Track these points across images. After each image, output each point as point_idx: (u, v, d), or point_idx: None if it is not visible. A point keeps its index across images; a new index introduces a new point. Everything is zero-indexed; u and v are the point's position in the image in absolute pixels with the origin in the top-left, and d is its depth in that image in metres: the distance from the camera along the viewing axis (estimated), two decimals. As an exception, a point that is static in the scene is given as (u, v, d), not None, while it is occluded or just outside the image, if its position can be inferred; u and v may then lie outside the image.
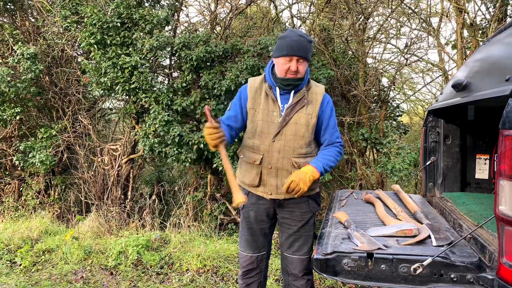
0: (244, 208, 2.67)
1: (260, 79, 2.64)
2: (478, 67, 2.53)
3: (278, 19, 6.78)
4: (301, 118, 2.50)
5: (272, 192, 2.55)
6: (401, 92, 7.07)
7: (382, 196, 2.98)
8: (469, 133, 3.33)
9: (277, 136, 2.49)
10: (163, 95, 5.39)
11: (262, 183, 2.56)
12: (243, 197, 2.26)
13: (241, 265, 2.74)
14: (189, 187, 6.34)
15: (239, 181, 2.66)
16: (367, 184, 5.46)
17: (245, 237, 2.70)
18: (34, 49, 5.98)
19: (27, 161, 6.26)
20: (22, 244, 5.13)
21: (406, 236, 2.05)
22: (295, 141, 2.51)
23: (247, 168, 2.61)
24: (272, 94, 2.53)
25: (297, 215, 2.61)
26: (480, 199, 2.90)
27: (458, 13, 4.89)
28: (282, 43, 2.43)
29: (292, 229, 2.62)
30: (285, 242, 2.68)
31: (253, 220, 2.65)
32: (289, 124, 2.49)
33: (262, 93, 2.56)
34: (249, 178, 2.59)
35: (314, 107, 2.53)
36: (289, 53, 2.39)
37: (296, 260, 2.62)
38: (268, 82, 2.57)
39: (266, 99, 2.55)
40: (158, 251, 4.84)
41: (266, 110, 2.53)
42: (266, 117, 2.52)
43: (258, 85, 2.60)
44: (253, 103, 2.57)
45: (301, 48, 2.39)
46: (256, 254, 2.70)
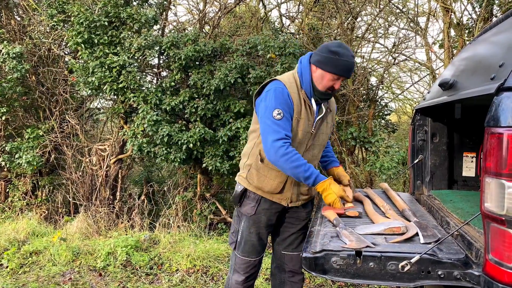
0: (255, 215, 2.56)
1: (296, 85, 2.44)
2: (464, 66, 2.55)
3: (267, 18, 6.78)
4: (326, 128, 2.57)
5: (293, 200, 2.56)
6: (389, 91, 7.12)
7: (370, 194, 2.99)
8: (456, 131, 3.36)
9: (310, 146, 2.51)
10: (152, 94, 5.36)
11: (283, 191, 2.52)
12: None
13: (242, 270, 2.64)
14: (178, 187, 6.31)
15: (252, 187, 2.54)
16: (356, 183, 5.49)
17: (252, 242, 2.61)
18: (20, 48, 5.90)
19: (14, 161, 6.18)
20: (8, 246, 5.06)
21: (394, 233, 2.06)
22: (321, 150, 2.60)
23: (270, 175, 2.50)
24: (309, 103, 2.44)
25: (303, 215, 2.67)
26: (467, 196, 2.93)
27: (445, 12, 4.94)
28: (338, 61, 2.31)
29: (296, 228, 2.67)
30: (285, 240, 2.70)
31: (264, 225, 2.59)
32: (318, 134, 2.52)
33: (301, 101, 2.42)
34: (270, 186, 2.50)
35: (332, 116, 2.62)
36: (344, 75, 2.35)
37: (296, 256, 2.67)
38: (305, 90, 2.43)
39: (305, 108, 2.43)
40: (148, 252, 4.81)
41: (306, 120, 2.44)
42: (306, 127, 2.45)
43: (296, 91, 2.42)
44: (297, 112, 2.41)
45: (352, 70, 2.39)
46: (259, 257, 2.69)
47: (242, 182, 2.58)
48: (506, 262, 1.53)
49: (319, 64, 2.35)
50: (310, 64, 2.43)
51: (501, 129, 1.54)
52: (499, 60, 1.84)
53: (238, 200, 2.59)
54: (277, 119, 2.30)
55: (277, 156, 2.28)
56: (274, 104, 2.32)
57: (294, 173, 2.32)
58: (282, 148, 2.27)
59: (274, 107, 2.32)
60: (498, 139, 1.55)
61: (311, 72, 2.41)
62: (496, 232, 1.57)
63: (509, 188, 1.51)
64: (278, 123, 2.30)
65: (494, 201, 1.57)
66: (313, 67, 2.40)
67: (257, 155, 2.52)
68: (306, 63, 2.44)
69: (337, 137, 5.54)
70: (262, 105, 2.40)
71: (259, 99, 2.48)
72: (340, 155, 5.63)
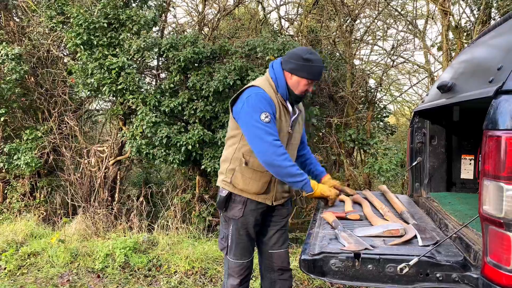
0: (243, 217, 2.60)
1: (272, 89, 2.56)
2: (463, 69, 2.56)
3: (266, 20, 6.79)
4: (299, 127, 2.74)
5: (277, 198, 2.65)
6: (388, 93, 7.13)
7: (369, 196, 2.99)
8: (454, 133, 3.37)
9: (288, 146, 2.63)
10: (151, 96, 5.36)
11: (268, 190, 2.60)
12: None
13: (236, 274, 2.67)
14: (177, 189, 6.31)
15: (237, 191, 2.59)
16: (355, 185, 5.50)
17: (242, 244, 2.65)
18: (18, 49, 5.90)
19: (12, 163, 6.16)
20: (6, 247, 5.04)
21: (393, 236, 2.06)
22: (295, 148, 2.75)
23: (254, 177, 2.56)
24: (286, 105, 2.59)
25: (284, 212, 2.79)
26: (465, 199, 2.94)
27: (443, 15, 4.96)
28: (311, 68, 2.48)
29: (279, 225, 2.77)
30: (271, 239, 2.77)
31: (252, 225, 2.64)
32: (294, 134, 2.67)
33: (280, 103, 2.55)
34: (255, 187, 2.56)
35: (302, 117, 2.81)
36: (317, 79, 2.58)
37: (283, 253, 2.78)
38: (281, 93, 2.56)
39: (284, 110, 2.58)
40: (146, 254, 4.80)
41: (285, 121, 2.59)
42: (284, 127, 2.58)
43: (274, 95, 2.54)
44: (279, 114, 2.53)
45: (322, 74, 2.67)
46: (251, 258, 2.75)
47: (227, 187, 2.62)
48: (504, 264, 1.53)
49: (295, 72, 2.50)
50: (283, 70, 2.56)
51: (499, 132, 1.55)
52: (497, 63, 1.84)
53: (223, 205, 2.63)
54: (266, 122, 2.40)
55: (277, 155, 2.35)
56: (260, 109, 2.41)
57: (289, 172, 2.40)
58: (281, 148, 2.38)
59: (261, 111, 2.40)
60: (496, 142, 1.56)
61: (285, 78, 2.55)
62: (495, 234, 1.58)
63: (508, 191, 1.51)
64: (269, 125, 2.40)
65: (493, 203, 1.57)
66: (288, 74, 2.54)
67: (240, 159, 2.57)
68: (279, 69, 2.57)
69: (336, 139, 5.55)
70: (247, 111, 2.45)
71: (239, 106, 2.53)
72: (339, 157, 5.64)
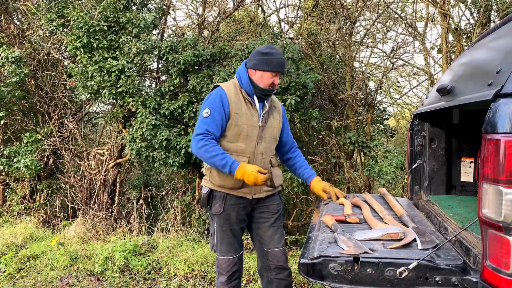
0: (224, 212, 2.67)
1: (234, 85, 2.73)
2: (462, 72, 2.56)
3: (266, 23, 6.80)
4: (273, 122, 2.79)
5: (256, 192, 2.69)
6: (387, 95, 7.14)
7: (369, 199, 2.99)
8: (454, 136, 3.36)
9: (260, 139, 2.68)
10: (150, 99, 5.36)
11: (244, 184, 2.62)
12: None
13: (224, 270, 2.74)
14: (177, 192, 6.31)
15: (216, 187, 2.68)
16: (355, 187, 5.49)
17: (227, 240, 2.72)
18: (19, 52, 5.91)
19: (12, 166, 6.17)
20: (6, 250, 5.04)
21: (392, 239, 2.06)
22: (271, 143, 2.79)
23: None
24: (251, 100, 2.70)
25: (273, 207, 2.81)
26: (465, 202, 2.93)
27: (443, 18, 4.96)
28: (271, 60, 2.63)
29: (269, 222, 2.79)
30: (264, 237, 2.79)
31: (234, 221, 2.70)
32: (266, 127, 2.73)
33: (241, 98, 2.68)
34: (231, 181, 2.61)
35: (279, 113, 2.87)
36: (279, 70, 2.65)
37: (279, 252, 2.78)
38: (246, 89, 2.70)
39: (246, 105, 2.68)
40: (146, 256, 4.80)
41: (249, 114, 2.67)
42: (250, 121, 2.66)
43: (235, 91, 2.69)
44: (236, 108, 2.64)
45: (284, 66, 2.71)
46: (238, 255, 2.78)
47: (207, 184, 2.74)
48: (504, 268, 1.52)
49: (256, 67, 2.65)
50: (248, 69, 2.71)
51: (498, 135, 1.54)
52: (496, 66, 1.84)
53: (207, 203, 2.72)
54: (204, 117, 2.58)
55: (197, 147, 2.53)
56: (206, 105, 2.63)
57: (212, 162, 2.53)
58: (201, 141, 2.52)
59: (205, 107, 2.62)
60: (495, 145, 1.55)
61: (249, 75, 2.69)
62: (494, 238, 1.57)
63: (507, 194, 1.51)
64: (204, 120, 2.58)
65: (492, 207, 1.57)
66: (251, 71, 2.69)
67: None
68: (243, 68, 2.74)
69: (336, 141, 5.54)
70: (200, 108, 2.70)
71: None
72: (339, 159, 5.63)
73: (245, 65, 2.75)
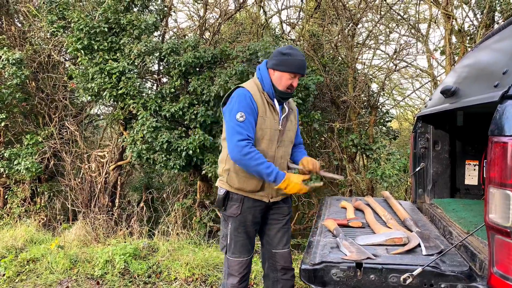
0: (241, 214, 2.64)
1: (257, 88, 2.64)
2: (467, 73, 2.52)
3: (268, 24, 6.76)
4: (291, 125, 2.75)
5: (273, 195, 2.67)
6: (390, 97, 7.09)
7: (371, 203, 2.95)
8: (458, 139, 3.32)
9: (280, 143, 2.66)
10: (151, 101, 5.33)
11: (262, 188, 2.62)
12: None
13: (236, 272, 2.70)
14: (178, 194, 6.27)
15: (234, 189, 2.64)
16: (357, 190, 5.44)
17: (241, 242, 2.69)
18: (19, 54, 5.89)
19: (12, 168, 6.14)
20: (6, 253, 5.01)
21: (396, 244, 2.01)
22: (289, 146, 2.77)
23: (249, 175, 2.58)
24: (272, 103, 2.65)
25: (285, 209, 2.79)
26: (470, 205, 2.88)
27: (446, 19, 4.92)
28: (291, 61, 2.56)
29: (280, 223, 2.77)
30: (273, 239, 2.79)
31: (250, 223, 2.68)
32: (285, 131, 2.69)
33: (265, 101, 2.62)
34: (251, 185, 2.60)
35: (294, 115, 2.83)
36: (299, 72, 2.58)
37: (286, 253, 2.78)
38: (267, 92, 2.63)
39: (269, 108, 2.63)
40: (146, 260, 4.75)
41: (272, 118, 2.63)
42: (272, 124, 2.62)
43: (259, 94, 2.62)
44: (262, 111, 2.59)
45: (304, 68, 2.63)
46: (250, 256, 2.77)
47: (224, 186, 2.68)
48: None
49: (276, 67, 2.59)
50: (268, 69, 2.66)
51: (506, 138, 1.50)
52: (502, 67, 1.80)
53: (222, 204, 2.69)
54: (240, 121, 2.48)
55: (241, 154, 2.43)
56: (237, 108, 2.51)
57: (257, 170, 2.45)
58: (246, 148, 2.43)
59: (237, 110, 2.50)
60: (502, 148, 1.51)
61: (270, 76, 2.63)
62: (501, 244, 1.52)
63: (514, 199, 1.46)
64: (241, 125, 2.48)
65: (499, 212, 1.52)
66: (271, 71, 2.64)
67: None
68: (264, 68, 2.68)
69: (338, 144, 5.50)
70: (227, 111, 2.59)
71: (225, 107, 2.66)
72: (341, 162, 5.58)
73: (265, 65, 2.71)
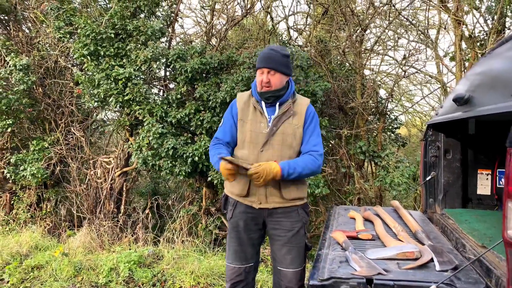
0: (232, 218, 2.66)
1: (248, 93, 2.73)
2: (480, 81, 2.45)
3: (275, 30, 6.72)
4: (287, 128, 2.58)
5: (261, 201, 2.57)
6: (399, 104, 7.00)
7: (381, 213, 2.87)
8: (470, 147, 3.24)
9: (265, 146, 2.55)
10: (157, 107, 5.30)
11: (250, 192, 2.57)
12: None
13: (228, 278, 2.69)
14: (183, 201, 6.21)
15: (228, 192, 2.71)
16: (366, 198, 5.36)
17: (234, 248, 2.67)
18: (26, 60, 5.90)
19: (19, 174, 6.13)
20: (10, 260, 4.98)
21: (408, 259, 1.94)
22: (283, 151, 2.56)
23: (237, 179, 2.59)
24: (259, 106, 2.62)
25: (287, 224, 2.59)
26: (483, 216, 2.80)
27: (456, 25, 4.84)
28: (258, 58, 2.59)
29: (282, 240, 2.59)
30: (277, 255, 2.64)
31: (242, 229, 2.63)
32: (276, 134, 2.56)
33: (250, 106, 2.65)
34: (238, 188, 2.60)
35: (299, 118, 2.62)
36: (260, 66, 2.55)
37: (290, 273, 2.59)
38: (254, 96, 2.66)
39: (254, 111, 2.63)
40: (151, 268, 4.70)
41: (254, 121, 2.60)
42: (254, 127, 2.59)
43: (246, 98, 2.69)
44: (242, 115, 2.64)
45: (270, 60, 2.53)
46: (244, 266, 2.68)
47: (225, 189, 2.77)
48: (533, 296, 1.40)
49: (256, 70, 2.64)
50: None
51: (526, 150, 1.43)
52: (519, 75, 1.73)
53: (223, 207, 2.75)
54: (219, 126, 2.74)
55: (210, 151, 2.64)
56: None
57: (213, 163, 2.55)
58: (210, 146, 2.67)
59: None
60: (521, 161, 1.43)
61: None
62: (521, 262, 1.44)
63: (535, 214, 1.39)
64: (219, 128, 2.73)
65: (518, 228, 1.45)
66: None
67: None
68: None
69: (346, 151, 5.42)
70: None
71: None
72: (349, 169, 5.50)
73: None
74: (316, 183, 4.81)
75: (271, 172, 2.36)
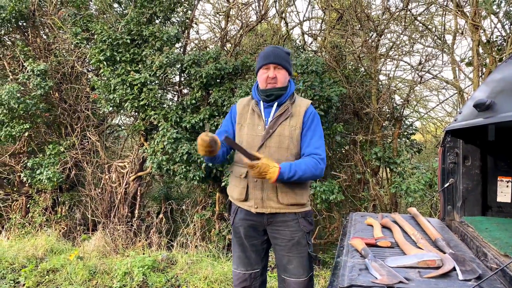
0: (234, 225, 2.68)
1: (248, 97, 2.75)
2: (501, 87, 2.40)
3: (289, 36, 6.72)
4: (284, 130, 2.53)
5: (258, 206, 2.53)
6: (414, 110, 6.92)
7: (399, 220, 2.82)
8: (489, 153, 3.18)
9: (261, 149, 2.52)
10: (172, 112, 5.33)
11: (248, 197, 2.56)
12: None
13: (234, 284, 2.71)
14: (197, 206, 6.22)
15: (229, 197, 2.73)
16: (381, 205, 5.29)
17: (237, 253, 2.69)
18: (44, 65, 5.99)
19: (35, 177, 6.21)
20: (26, 263, 5.03)
21: (429, 267, 1.90)
22: (280, 153, 2.51)
23: (235, 183, 2.65)
24: (257, 109, 2.62)
25: (287, 233, 2.55)
26: (504, 224, 2.73)
27: (474, 30, 4.78)
28: (260, 56, 2.60)
29: (283, 250, 2.57)
30: (279, 263, 2.64)
31: (243, 236, 2.64)
32: (272, 136, 2.53)
33: (249, 109, 2.65)
34: (237, 193, 2.61)
35: (297, 119, 2.56)
36: (265, 62, 2.53)
37: (293, 283, 2.57)
38: (254, 97, 2.67)
39: (252, 114, 2.63)
40: (164, 272, 4.70)
41: (251, 124, 2.60)
42: (251, 131, 2.58)
43: (246, 102, 2.71)
44: (240, 119, 2.66)
45: (276, 56, 2.53)
46: (250, 272, 2.67)
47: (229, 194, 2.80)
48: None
49: (256, 70, 2.66)
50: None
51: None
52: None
53: (228, 213, 2.81)
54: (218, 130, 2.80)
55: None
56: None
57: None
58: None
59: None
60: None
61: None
62: (549, 273, 1.40)
63: None
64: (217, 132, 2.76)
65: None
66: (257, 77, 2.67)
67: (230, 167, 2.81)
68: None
69: (361, 157, 5.37)
70: None
71: None
72: (364, 175, 5.45)
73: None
74: (330, 189, 4.77)
75: (269, 167, 2.32)
